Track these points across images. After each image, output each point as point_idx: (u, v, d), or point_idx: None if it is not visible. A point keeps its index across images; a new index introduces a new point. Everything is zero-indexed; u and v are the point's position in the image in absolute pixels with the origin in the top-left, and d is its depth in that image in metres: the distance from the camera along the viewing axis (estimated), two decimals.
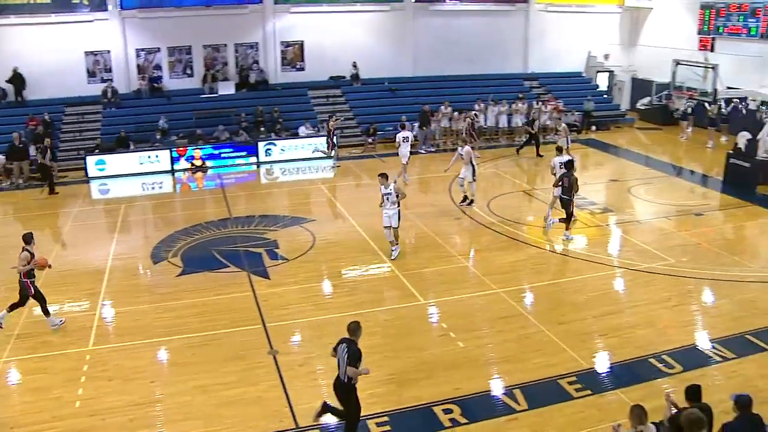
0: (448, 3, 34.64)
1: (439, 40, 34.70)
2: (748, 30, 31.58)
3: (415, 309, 14.52)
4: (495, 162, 27.49)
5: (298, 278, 16.00)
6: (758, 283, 15.86)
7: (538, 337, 13.25)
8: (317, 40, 32.58)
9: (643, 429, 8.02)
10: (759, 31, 31.08)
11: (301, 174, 26.80)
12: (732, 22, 32.45)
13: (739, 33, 32.05)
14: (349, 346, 9.75)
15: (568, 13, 37.52)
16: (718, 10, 33.08)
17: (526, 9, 36.60)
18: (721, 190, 23.89)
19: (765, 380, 11.48)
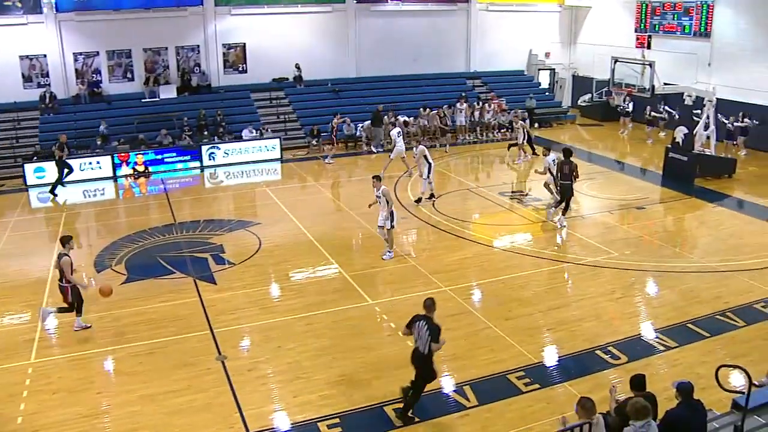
0: (389, 3, 34.78)
1: (382, 41, 34.84)
2: (683, 28, 32.58)
3: (363, 309, 14.56)
4: (438, 161, 27.66)
5: (245, 282, 15.91)
6: (698, 273, 16.36)
7: (487, 333, 13.42)
8: (259, 42, 32.39)
9: (591, 421, 8.20)
10: (692, 29, 32.11)
11: (245, 177, 26.63)
12: (667, 20, 33.43)
13: (674, 31, 33.06)
14: (428, 323, 10.50)
15: (509, 13, 38.02)
16: (653, 9, 34.04)
17: (467, 9, 36.94)
18: (661, 184, 24.51)
19: (705, 367, 11.80)
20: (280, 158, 28.30)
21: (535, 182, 24.50)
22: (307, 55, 33.25)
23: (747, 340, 13.16)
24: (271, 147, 28.34)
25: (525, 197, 22.82)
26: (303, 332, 13.52)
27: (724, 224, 20.24)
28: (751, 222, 20.24)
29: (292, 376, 11.93)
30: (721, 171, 25.21)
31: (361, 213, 20.66)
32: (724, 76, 30.22)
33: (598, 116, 36.51)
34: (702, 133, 25.26)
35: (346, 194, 23.29)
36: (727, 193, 23.30)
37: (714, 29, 31.28)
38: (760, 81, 28.76)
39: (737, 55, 30.13)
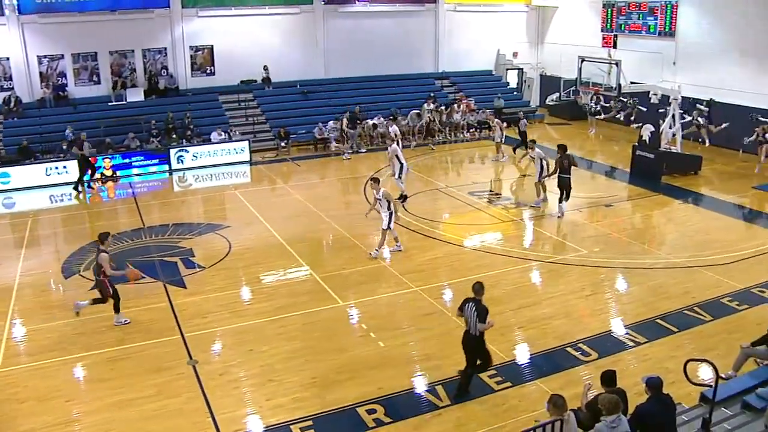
0: (357, 4, 34.75)
1: (350, 42, 34.79)
2: (648, 27, 33.03)
3: (334, 311, 14.55)
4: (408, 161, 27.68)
5: (216, 286, 15.81)
6: (666, 269, 16.61)
7: (458, 333, 13.23)
8: (227, 44, 32.17)
9: (563, 418, 8.29)
10: (657, 29, 32.54)
11: (214, 180, 26.47)
12: (632, 20, 33.87)
13: (640, 30, 33.50)
14: (477, 306, 10.93)
15: (477, 13, 38.18)
16: (619, 9, 34.44)
17: (435, 9, 37.02)
18: (629, 181, 24.81)
19: (674, 361, 11.96)
20: (249, 161, 28.17)
21: (503, 182, 24.73)
22: (275, 56, 33.11)
23: (714, 334, 13.38)
24: (239, 149, 28.19)
25: (498, 197, 22.93)
26: (275, 335, 13.48)
27: (690, 220, 20.56)
28: (717, 218, 20.56)
29: (264, 380, 11.88)
30: (688, 168, 25.58)
31: (331, 215, 20.67)
32: (689, 75, 30.65)
33: (566, 115, 36.83)
34: (668, 131, 25.63)
35: (316, 196, 23.23)
36: (693, 190, 23.67)
37: (678, 29, 31.73)
38: (723, 79, 29.22)
39: (701, 54, 30.57)
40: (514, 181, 25.37)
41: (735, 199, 22.55)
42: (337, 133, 30.12)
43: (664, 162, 24.88)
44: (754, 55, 28.33)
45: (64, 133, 27.15)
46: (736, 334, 13.16)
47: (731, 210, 21.38)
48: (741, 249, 17.86)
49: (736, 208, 21.63)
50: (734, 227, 19.91)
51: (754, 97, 27.79)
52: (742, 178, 25.02)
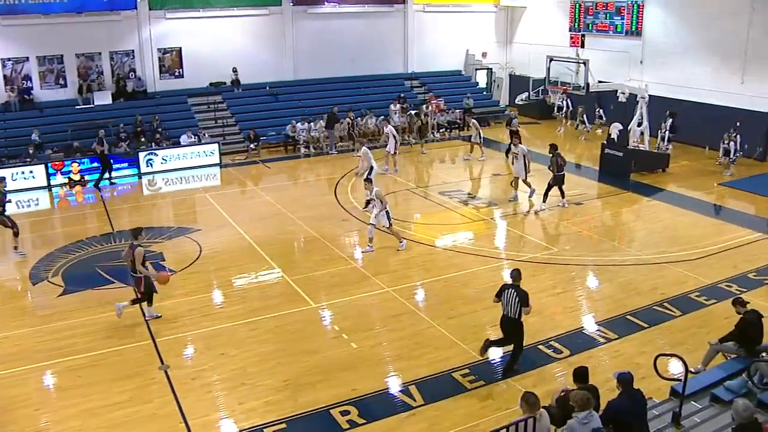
0: (326, 5, 34.65)
1: (319, 43, 34.69)
2: (615, 27, 33.38)
3: (306, 313, 14.53)
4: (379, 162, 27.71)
5: (187, 290, 15.69)
6: (635, 266, 16.83)
7: (431, 332, 13.53)
8: (195, 46, 31.91)
9: (535, 415, 8.34)
10: (624, 28, 32.91)
11: (184, 183, 26.25)
12: (600, 19, 34.21)
13: (607, 30, 33.83)
14: (517, 291, 11.69)
15: (446, 13, 38.28)
16: (587, 9, 34.76)
17: (404, 10, 37.03)
18: (598, 179, 25.07)
19: (644, 357, 12.13)
20: (219, 163, 27.99)
21: (473, 181, 24.85)
22: (244, 58, 32.91)
23: (683, 329, 13.59)
24: (209, 152, 28.02)
25: (473, 198, 23.01)
26: (247, 338, 13.42)
27: (659, 217, 20.83)
28: (684, 214, 20.86)
29: (236, 383, 11.82)
30: (655, 166, 25.92)
31: (301, 216, 20.63)
32: (656, 74, 31.06)
33: (535, 114, 37.10)
34: (636, 130, 25.93)
35: (286, 198, 23.17)
36: (661, 187, 23.99)
37: (645, 28, 32.10)
38: (689, 78, 29.63)
39: (667, 53, 30.99)
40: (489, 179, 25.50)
41: (702, 195, 22.90)
42: (306, 135, 30.03)
43: (632, 160, 25.19)
44: (718, 53, 28.77)
45: (31, 137, 26.78)
46: (705, 328, 13.39)
47: (698, 206, 21.69)
48: (708, 245, 18.15)
49: (703, 205, 21.93)
50: (701, 223, 20.19)
51: (718, 95, 28.26)
52: (709, 175, 25.40)
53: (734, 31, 27.84)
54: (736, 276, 16.15)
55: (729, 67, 28.28)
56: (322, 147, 30.13)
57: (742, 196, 23.10)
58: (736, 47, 27.82)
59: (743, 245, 18.26)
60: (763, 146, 27.11)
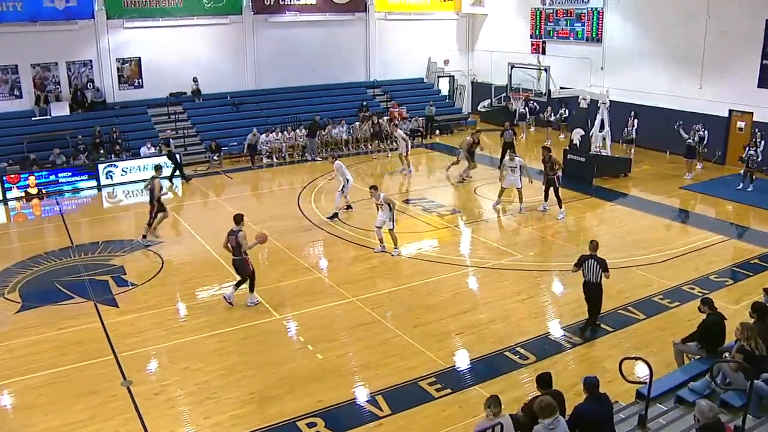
0: (287, 14, 34.59)
1: (281, 52, 34.59)
2: (576, 33, 33.80)
3: (271, 324, 14.44)
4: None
5: (149, 303, 15.50)
6: None
7: (396, 341, 13.52)
8: (155, 56, 31.60)
9: (499, 420, 8.36)
10: (585, 35, 33.34)
11: (145, 196, 25.76)
12: (561, 26, 34.64)
13: (568, 36, 34.25)
14: (598, 260, 13.44)
15: (407, 21, 38.43)
16: (547, 15, 35.17)
17: (365, 18, 37.10)
18: (561, 185, 25.20)
19: (611, 360, 12.26)
20: (181, 174, 27.72)
21: (437, 188, 24.94)
22: (204, 68, 32.70)
23: (648, 332, 13.78)
24: (170, 163, 27.70)
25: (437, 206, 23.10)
26: (211, 351, 13.29)
27: (622, 221, 21.10)
28: (646, 218, 21.17)
29: (201, 397, 11.69)
30: (618, 170, 26.26)
31: (265, 227, 20.42)
32: (616, 79, 31.49)
33: (498, 121, 37.27)
34: (598, 135, 26.23)
35: (249, 209, 22.97)
36: (623, 192, 24.32)
37: (605, 34, 32.52)
38: (648, 83, 30.11)
39: (627, 59, 31.45)
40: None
41: (663, 199, 23.25)
42: (269, 146, 29.91)
43: (594, 165, 25.46)
44: (676, 59, 29.27)
45: None
46: (668, 331, 13.58)
47: (660, 210, 22.01)
48: (670, 248, 18.42)
49: (664, 209, 22.26)
50: (663, 227, 20.50)
51: (677, 100, 28.74)
52: (670, 179, 25.79)
53: (691, 37, 28.34)
54: (698, 278, 16.41)
55: (687, 72, 28.78)
56: (284, 157, 30.05)
57: (703, 199, 23.51)
58: (694, 53, 28.33)
59: (705, 248, 18.56)
60: (722, 150, 27.60)
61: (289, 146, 30.50)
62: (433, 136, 34.91)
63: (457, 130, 36.34)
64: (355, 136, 32.28)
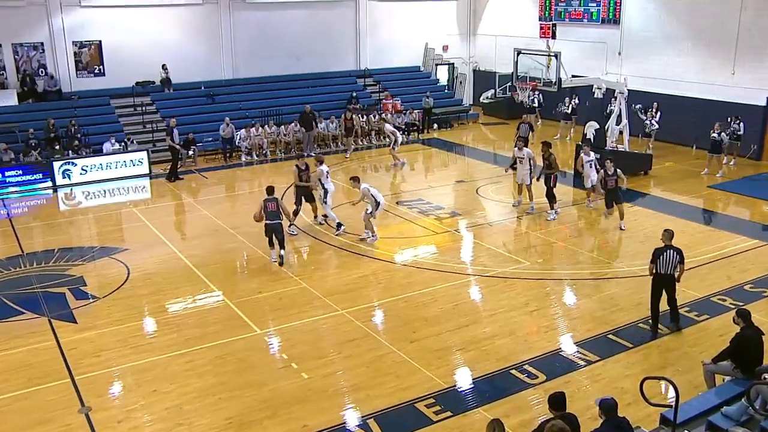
0: None
1: (261, 38, 34.57)
2: (590, 15, 33.81)
3: (251, 340, 14.34)
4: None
5: (112, 318, 15.36)
6: (617, 279, 16.99)
7: (390, 358, 13.44)
8: (118, 40, 31.41)
9: None
10: (600, 16, 33.34)
11: (108, 197, 25.84)
12: (573, 7, 34.66)
13: (581, 18, 34.25)
14: (676, 250, 14.00)
15: (402, 3, 38.56)
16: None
17: (355, 0, 37.17)
18: (573, 184, 25.27)
19: (630, 380, 12.20)
20: (149, 173, 27.70)
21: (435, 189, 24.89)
22: (175, 54, 32.63)
23: (673, 349, 13.71)
24: (137, 161, 27.69)
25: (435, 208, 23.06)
26: (183, 371, 13.18)
27: (641, 225, 21.05)
28: (670, 221, 21.06)
29: (172, 424, 11.59)
30: (637, 168, 26.23)
31: (244, 232, 20.41)
32: (636, 66, 31.54)
33: (502, 114, 37.38)
34: (614, 128, 26.19)
35: (226, 211, 22.96)
36: (643, 192, 24.35)
37: (623, 16, 32.63)
38: (673, 70, 30.12)
39: (648, 43, 31.53)
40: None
41: (689, 199, 23.27)
42: (248, 142, 29.83)
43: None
44: (705, 42, 29.26)
45: None
46: (697, 347, 13.56)
47: (685, 212, 22.02)
48: (698, 254, 18.35)
49: (690, 210, 22.26)
50: (689, 230, 20.43)
51: (706, 88, 28.74)
52: (696, 177, 25.87)
53: (723, 16, 28.38)
54: (731, 288, 16.37)
55: (718, 56, 28.81)
56: (266, 154, 30.00)
57: (735, 199, 23.59)
58: (726, 34, 28.33)
59: (738, 254, 18.55)
60: (758, 144, 27.58)
61: (271, 142, 30.41)
62: (430, 131, 34.89)
63: (457, 124, 36.32)
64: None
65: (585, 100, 29.20)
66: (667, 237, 14.17)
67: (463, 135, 34.41)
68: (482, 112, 38.64)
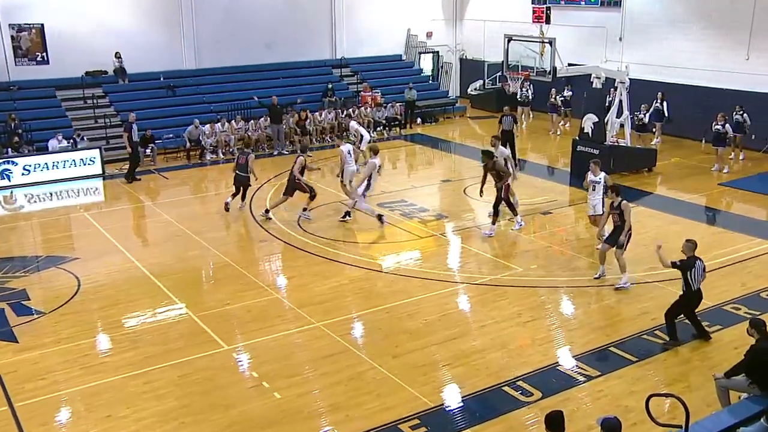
0: None
1: (227, 24, 34.52)
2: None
3: (217, 357, 14.25)
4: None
5: (60, 336, 15.16)
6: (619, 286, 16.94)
7: (371, 375, 13.41)
8: (63, 24, 31.05)
9: None
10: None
11: (56, 200, 25.66)
12: None
13: (578, 1, 34.33)
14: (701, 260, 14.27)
15: None
16: None
17: None
18: (569, 183, 25.40)
19: (634, 397, 12.20)
20: (102, 174, 27.56)
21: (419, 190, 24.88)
22: (130, 41, 32.47)
23: (682, 362, 13.74)
24: (88, 160, 27.54)
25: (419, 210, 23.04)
26: (140, 393, 13.03)
27: (645, 227, 21.08)
28: (676, 222, 21.24)
29: None
30: (640, 164, 26.36)
31: (209, 238, 20.34)
32: (638, 53, 31.68)
33: (492, 107, 37.44)
34: (614, 121, 26.24)
35: (190, 215, 22.84)
36: (647, 190, 24.49)
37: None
38: (679, 56, 30.23)
39: (652, 26, 31.68)
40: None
41: (698, 198, 23.42)
42: (214, 139, 29.72)
43: (611, 158, 25.43)
44: (715, 25, 29.40)
45: None
46: (708, 361, 13.58)
47: (694, 212, 22.17)
48: (708, 259, 18.23)
49: (699, 210, 22.38)
50: (699, 233, 20.43)
51: (716, 75, 28.86)
52: (705, 173, 26.05)
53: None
54: (745, 296, 16.45)
55: (730, 40, 28.97)
56: (233, 151, 29.87)
57: (748, 197, 23.78)
58: (739, 15, 28.52)
59: (752, 258, 18.67)
60: None
61: (238, 139, 30.26)
62: (413, 126, 34.92)
63: (442, 117, 36.36)
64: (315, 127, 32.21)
65: (582, 90, 29.27)
66: (690, 248, 14.28)
67: (450, 130, 34.46)
68: (470, 104, 38.75)
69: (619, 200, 17.13)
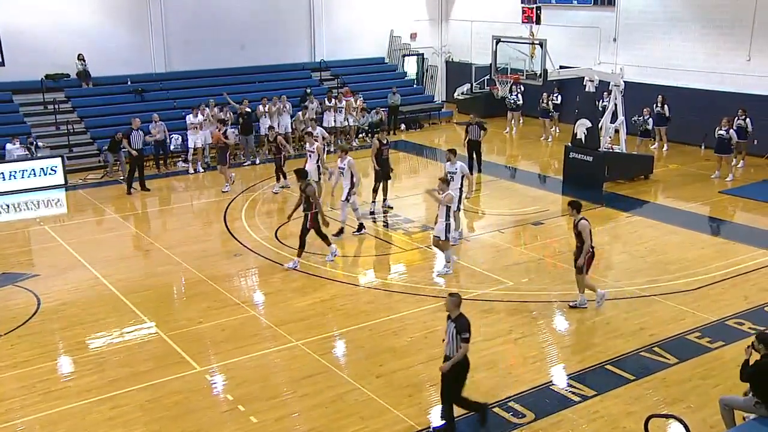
0: None
1: (199, 24, 34.51)
2: None
3: (189, 380, 14.18)
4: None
5: (17, 359, 15.02)
6: (614, 300, 17.01)
7: (354, 396, 13.38)
8: (21, 23, 30.78)
9: None
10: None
11: (12, 212, 25.51)
12: None
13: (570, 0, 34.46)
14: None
15: None
16: None
17: None
18: (562, 192, 25.48)
19: (632, 418, 12.24)
20: (65, 184, 27.42)
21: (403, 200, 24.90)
22: (95, 42, 32.37)
23: (682, 381, 13.73)
24: (49, 169, 27.36)
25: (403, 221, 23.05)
26: (105, 420, 12.94)
27: (642, 238, 21.21)
28: (675, 232, 21.29)
29: None
30: (636, 171, 26.44)
31: (180, 252, 20.27)
32: (634, 54, 31.81)
33: (479, 111, 37.39)
34: (609, 126, 26.31)
35: (160, 228, 22.78)
36: (644, 199, 24.58)
37: None
38: (677, 57, 30.37)
39: (648, 25, 31.80)
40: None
41: (698, 207, 23.51)
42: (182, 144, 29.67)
43: (605, 165, 25.54)
44: (715, 24, 29.57)
45: None
46: (711, 379, 13.60)
47: (694, 222, 22.23)
48: (709, 271, 18.52)
49: (699, 220, 22.47)
50: (699, 243, 20.65)
51: (716, 77, 29.01)
52: (706, 181, 26.13)
53: None
54: (748, 310, 16.45)
55: (731, 40, 29.12)
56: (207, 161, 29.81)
57: (750, 206, 23.88)
58: (741, 14, 28.70)
59: (755, 270, 18.68)
60: None
61: (211, 147, 30.14)
62: (397, 132, 34.94)
63: (428, 123, 36.41)
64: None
65: (575, 94, 29.37)
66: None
67: (435, 136, 34.49)
68: (457, 109, 38.81)
69: (579, 218, 16.42)
